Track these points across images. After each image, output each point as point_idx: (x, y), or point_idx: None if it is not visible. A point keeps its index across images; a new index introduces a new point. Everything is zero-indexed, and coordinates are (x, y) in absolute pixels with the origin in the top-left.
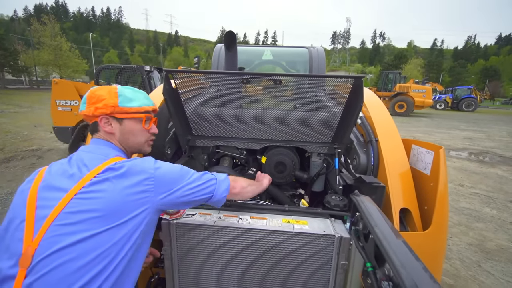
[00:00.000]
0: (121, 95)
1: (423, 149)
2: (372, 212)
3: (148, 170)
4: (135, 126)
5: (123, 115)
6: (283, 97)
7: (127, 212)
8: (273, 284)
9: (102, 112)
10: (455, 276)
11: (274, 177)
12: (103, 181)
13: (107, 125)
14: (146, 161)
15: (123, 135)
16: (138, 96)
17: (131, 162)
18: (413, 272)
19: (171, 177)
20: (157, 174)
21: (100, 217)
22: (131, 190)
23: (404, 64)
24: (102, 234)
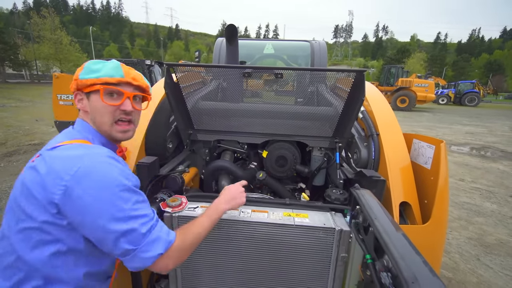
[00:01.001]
0: (86, 67)
1: (424, 143)
2: (372, 205)
3: (62, 174)
4: (98, 102)
5: (86, 88)
6: (284, 91)
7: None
8: (274, 276)
9: (73, 87)
10: (454, 269)
11: (275, 171)
12: (29, 167)
13: (79, 102)
14: (76, 160)
15: (92, 113)
16: (104, 66)
17: (54, 155)
18: (411, 263)
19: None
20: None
21: (9, 209)
22: (33, 188)
23: (407, 58)
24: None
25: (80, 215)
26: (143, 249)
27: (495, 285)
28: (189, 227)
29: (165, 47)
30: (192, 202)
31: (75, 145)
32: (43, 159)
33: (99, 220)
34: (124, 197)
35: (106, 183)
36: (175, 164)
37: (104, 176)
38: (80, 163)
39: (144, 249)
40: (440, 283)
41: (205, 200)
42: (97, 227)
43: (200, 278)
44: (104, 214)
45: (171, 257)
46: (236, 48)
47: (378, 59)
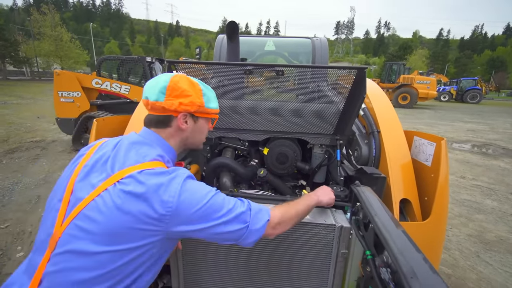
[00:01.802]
0: (205, 94)
1: (424, 141)
2: (372, 202)
3: (168, 201)
4: (205, 125)
5: (204, 115)
6: (285, 89)
7: (130, 240)
8: (274, 272)
9: (186, 109)
10: (454, 266)
11: (276, 168)
12: (120, 191)
13: (184, 122)
14: (172, 181)
15: (193, 133)
16: (213, 96)
17: (154, 181)
18: (410, 258)
19: (193, 211)
20: (176, 205)
21: (98, 234)
22: (138, 217)
23: (409, 55)
24: (102, 255)
25: (186, 234)
26: (253, 222)
27: (495, 282)
28: (286, 205)
29: (165, 43)
30: None
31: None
32: (138, 182)
33: (207, 230)
34: (215, 203)
35: (198, 200)
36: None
37: (197, 193)
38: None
39: (254, 222)
40: (439, 279)
41: None
42: (211, 234)
43: (202, 274)
44: (208, 224)
45: (276, 221)
46: (237, 45)
47: (380, 55)
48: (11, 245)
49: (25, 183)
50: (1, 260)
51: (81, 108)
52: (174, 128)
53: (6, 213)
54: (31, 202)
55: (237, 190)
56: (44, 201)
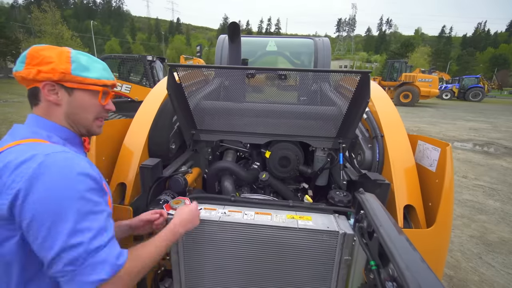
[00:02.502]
0: (74, 61)
1: (429, 145)
2: (377, 211)
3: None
4: (89, 101)
5: (76, 85)
6: (287, 91)
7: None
8: (277, 277)
9: (47, 77)
10: (456, 267)
11: (278, 171)
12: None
13: (52, 93)
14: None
15: (72, 109)
16: (96, 66)
17: (15, 154)
18: (418, 274)
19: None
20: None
21: None
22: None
23: (411, 52)
24: None
25: (26, 220)
26: (84, 271)
27: (497, 284)
28: (143, 250)
29: (166, 41)
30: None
31: (24, 147)
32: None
33: (43, 228)
34: (80, 205)
35: (56, 190)
36: (178, 165)
37: (55, 181)
38: (27, 167)
39: (85, 271)
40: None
41: (208, 201)
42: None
43: (204, 279)
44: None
45: (115, 285)
46: (239, 46)
47: (382, 53)
48: None
49: None
50: None
51: None
52: (44, 102)
53: None
54: None
55: (239, 194)
56: None
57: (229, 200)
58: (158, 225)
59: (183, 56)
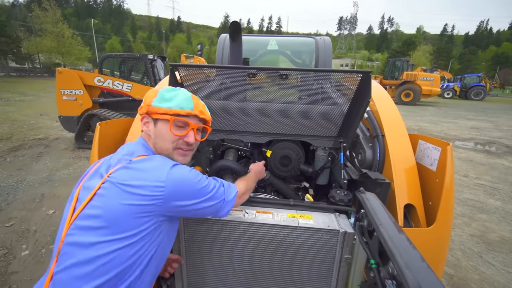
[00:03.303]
0: (160, 94)
1: (430, 145)
2: (377, 210)
3: (159, 179)
4: (164, 129)
5: (154, 115)
6: (288, 91)
7: (129, 227)
8: (277, 276)
9: (142, 111)
10: (456, 266)
11: (279, 170)
12: (113, 183)
13: (144, 125)
14: (160, 167)
15: (156, 138)
16: (176, 96)
17: (144, 164)
18: (417, 273)
19: (185, 190)
20: (168, 185)
21: (102, 226)
22: (134, 201)
23: (412, 51)
24: (99, 245)
25: (179, 209)
26: (227, 195)
27: (497, 283)
28: (243, 180)
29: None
30: None
31: (150, 157)
32: (128, 169)
33: (196, 205)
34: (202, 184)
35: (188, 180)
36: None
37: (186, 174)
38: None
39: (227, 195)
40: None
41: None
42: (198, 210)
43: (205, 277)
44: (198, 200)
45: (241, 194)
46: (240, 45)
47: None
48: (16, 243)
49: (29, 181)
50: (7, 259)
51: (83, 106)
52: (143, 132)
53: (10, 212)
54: (35, 201)
55: None
56: (48, 199)
57: None
58: (171, 270)
59: (184, 54)
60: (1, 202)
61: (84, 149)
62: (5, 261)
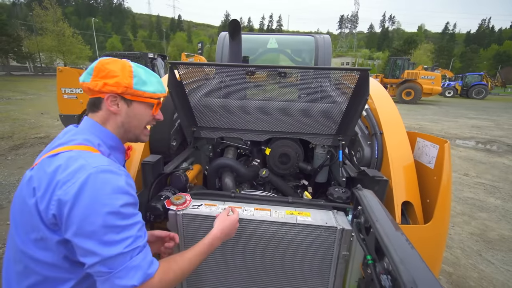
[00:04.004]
0: (136, 76)
1: (428, 143)
2: (374, 207)
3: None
4: (144, 111)
5: (135, 97)
6: (287, 89)
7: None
8: (276, 272)
9: (111, 90)
10: (455, 264)
11: (278, 168)
12: (25, 180)
13: (113, 104)
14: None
15: (128, 118)
16: (152, 79)
17: (53, 167)
18: (411, 267)
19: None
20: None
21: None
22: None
23: (414, 49)
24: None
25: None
26: (118, 274)
27: (496, 281)
28: (176, 261)
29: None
30: (196, 200)
31: (75, 155)
32: (41, 168)
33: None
34: (115, 219)
35: (98, 204)
36: (179, 161)
37: (97, 196)
38: (76, 178)
39: (119, 275)
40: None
41: (208, 197)
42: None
43: (204, 274)
44: (92, 235)
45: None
46: (239, 43)
47: (384, 50)
48: None
49: None
50: None
51: (84, 105)
52: (105, 111)
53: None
54: None
55: (239, 190)
56: None
57: (229, 196)
58: (167, 248)
59: (184, 53)
60: (3, 200)
61: None
62: None
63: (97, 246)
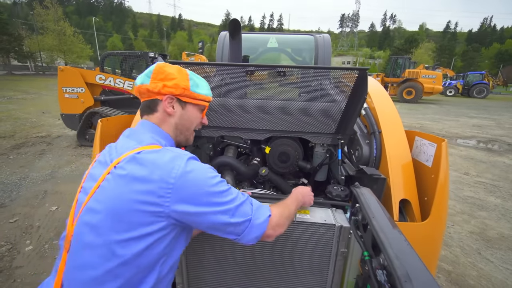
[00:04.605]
0: (191, 79)
1: (426, 141)
2: (371, 204)
3: (170, 174)
4: (195, 114)
5: (190, 100)
6: (287, 88)
7: (134, 226)
8: (274, 269)
9: (170, 91)
10: (454, 262)
11: (278, 167)
12: (118, 175)
13: (170, 105)
14: (173, 160)
15: (181, 120)
16: (203, 83)
17: (155, 155)
18: (405, 262)
19: (197, 191)
20: (179, 182)
21: (100, 226)
22: (139, 196)
23: (415, 48)
24: (105, 248)
25: (187, 217)
26: (255, 216)
27: (495, 279)
28: (277, 204)
29: (168, 37)
30: None
31: (162, 149)
32: (136, 162)
33: (209, 215)
34: (220, 189)
35: (203, 181)
36: None
37: (202, 173)
38: (181, 164)
39: (256, 216)
40: (433, 282)
41: None
42: (213, 224)
43: (204, 269)
44: (211, 209)
45: (275, 220)
46: (240, 42)
47: (385, 49)
48: (20, 239)
49: (32, 178)
50: (11, 253)
51: (85, 104)
52: (161, 113)
53: (14, 208)
54: (38, 197)
55: (239, 188)
56: (51, 196)
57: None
58: None
59: (185, 52)
60: (5, 199)
61: (86, 146)
62: (10, 256)
63: (228, 204)
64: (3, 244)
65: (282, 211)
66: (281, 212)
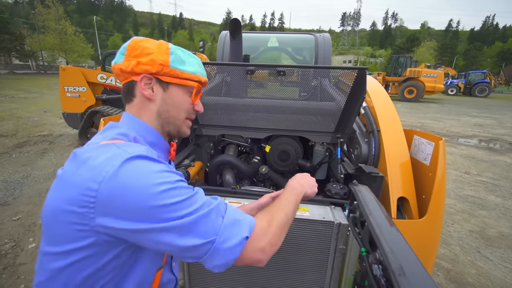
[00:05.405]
0: (173, 53)
1: (424, 140)
2: (368, 201)
3: (95, 178)
4: (182, 97)
5: (172, 79)
6: (287, 87)
7: (61, 238)
8: (274, 266)
9: (145, 69)
10: (454, 261)
11: (278, 165)
12: (57, 176)
13: (147, 87)
14: (108, 160)
15: (165, 106)
16: (192, 60)
17: (91, 153)
18: (400, 256)
19: (131, 202)
20: (104, 189)
21: (43, 228)
22: (63, 206)
23: (416, 47)
24: (46, 257)
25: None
26: (223, 236)
27: (494, 277)
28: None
29: (169, 36)
30: None
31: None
32: (69, 162)
33: (146, 233)
34: (167, 201)
35: (140, 189)
36: (181, 158)
37: (139, 180)
38: (115, 164)
39: (224, 237)
40: (427, 276)
41: (209, 193)
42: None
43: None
44: (148, 226)
45: (262, 241)
46: (240, 42)
47: (386, 48)
48: (23, 236)
49: (35, 177)
50: (15, 251)
51: (87, 103)
52: (139, 98)
53: (17, 206)
54: (41, 195)
55: (239, 186)
56: None
57: (230, 192)
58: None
59: None
60: (8, 197)
61: None
62: (13, 253)
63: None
64: (7, 242)
65: (272, 222)
66: (271, 224)
